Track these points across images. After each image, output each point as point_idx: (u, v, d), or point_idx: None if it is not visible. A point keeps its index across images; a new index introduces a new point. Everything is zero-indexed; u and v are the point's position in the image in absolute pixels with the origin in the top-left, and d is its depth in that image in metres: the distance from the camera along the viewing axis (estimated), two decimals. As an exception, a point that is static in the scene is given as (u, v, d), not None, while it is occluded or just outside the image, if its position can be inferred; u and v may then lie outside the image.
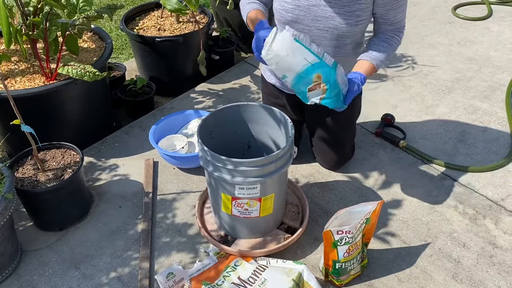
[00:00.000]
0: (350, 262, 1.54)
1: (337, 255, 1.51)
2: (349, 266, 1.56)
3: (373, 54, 1.64)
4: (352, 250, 1.52)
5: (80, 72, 1.86)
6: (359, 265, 1.60)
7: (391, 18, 1.65)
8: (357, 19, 1.62)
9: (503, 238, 1.77)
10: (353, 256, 1.54)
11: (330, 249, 1.51)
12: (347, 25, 1.62)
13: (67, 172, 1.77)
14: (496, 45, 3.04)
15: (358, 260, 1.58)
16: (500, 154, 2.17)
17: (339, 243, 1.48)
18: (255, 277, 1.50)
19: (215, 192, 1.60)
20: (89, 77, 1.86)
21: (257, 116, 1.71)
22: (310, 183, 2.02)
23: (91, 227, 1.83)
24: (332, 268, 1.55)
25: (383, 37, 1.68)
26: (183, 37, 2.49)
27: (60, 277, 1.64)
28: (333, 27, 1.64)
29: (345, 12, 1.60)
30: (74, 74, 1.86)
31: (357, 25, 1.64)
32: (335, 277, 1.57)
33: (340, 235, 1.46)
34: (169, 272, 1.60)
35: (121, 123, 2.48)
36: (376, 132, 2.27)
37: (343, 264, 1.53)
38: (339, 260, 1.52)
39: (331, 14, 1.61)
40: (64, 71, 1.87)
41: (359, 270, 1.62)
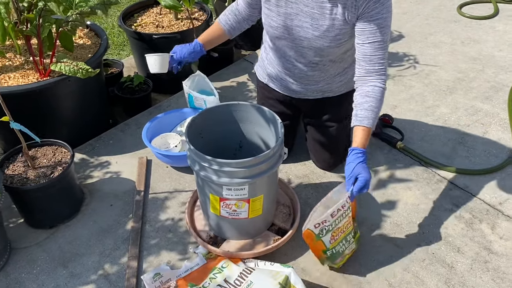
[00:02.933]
0: (340, 244, 1.54)
1: (324, 245, 1.51)
2: (341, 248, 1.55)
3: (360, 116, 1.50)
4: (337, 234, 1.51)
5: (73, 69, 1.85)
6: (353, 242, 1.59)
7: (372, 54, 1.51)
8: (338, 42, 1.61)
9: (499, 244, 1.73)
10: (342, 238, 1.53)
11: (314, 244, 1.51)
12: (329, 47, 1.63)
13: (57, 169, 1.76)
14: (501, 45, 2.98)
15: (349, 240, 1.57)
16: (500, 157, 2.12)
17: (321, 234, 1.47)
18: (241, 279, 1.48)
19: (203, 193, 1.58)
20: (82, 74, 1.85)
21: (248, 116, 1.68)
22: (304, 184, 2.00)
23: (82, 225, 1.82)
24: (325, 256, 1.54)
25: (364, 90, 1.52)
26: (180, 34, 2.47)
27: (48, 275, 1.64)
28: (316, 47, 1.65)
29: (325, 36, 1.59)
30: (67, 71, 1.84)
31: (339, 46, 1.63)
32: (331, 262, 1.58)
33: (318, 227, 1.45)
34: (156, 272, 1.58)
35: (118, 120, 2.47)
36: (374, 133, 2.23)
37: (333, 249, 1.53)
38: (328, 248, 1.52)
39: (313, 37, 1.61)
40: (57, 68, 1.86)
41: (354, 247, 1.62)
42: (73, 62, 1.87)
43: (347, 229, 1.54)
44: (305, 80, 1.80)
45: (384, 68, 1.54)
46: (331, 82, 1.83)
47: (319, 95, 1.88)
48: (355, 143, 1.50)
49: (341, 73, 1.82)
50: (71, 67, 1.84)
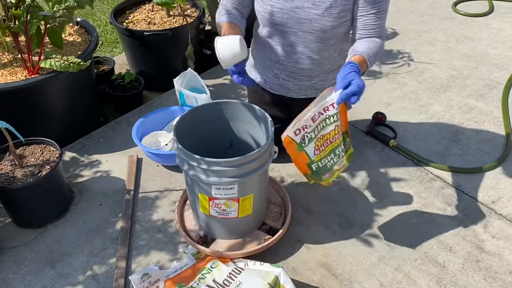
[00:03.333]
0: (328, 158, 1.40)
1: (308, 156, 1.38)
2: (329, 163, 1.42)
3: (360, 49, 1.50)
4: (322, 145, 1.37)
5: (63, 64, 1.82)
6: (343, 157, 1.45)
7: (371, 23, 1.56)
8: (341, 21, 1.58)
9: (491, 243, 1.72)
10: (329, 151, 1.40)
11: (297, 155, 1.38)
12: (331, 27, 1.59)
13: (45, 168, 1.73)
14: (496, 42, 2.97)
15: (339, 154, 1.43)
16: (493, 155, 2.10)
17: (303, 143, 1.35)
18: (230, 279, 1.46)
19: (192, 192, 1.56)
20: (74, 67, 1.82)
21: (238, 114, 1.66)
22: (296, 183, 1.98)
23: (70, 225, 1.80)
24: (310, 172, 1.43)
25: (364, 41, 1.56)
26: (172, 31, 2.45)
27: (35, 276, 1.61)
28: (317, 29, 1.60)
29: (329, 14, 1.56)
30: (58, 67, 1.82)
31: (341, 26, 1.60)
32: (317, 178, 1.47)
33: (299, 135, 1.33)
34: (145, 273, 1.56)
35: (109, 118, 2.44)
36: (367, 131, 2.22)
37: (319, 163, 1.40)
38: (312, 160, 1.39)
39: (315, 17, 1.57)
40: (47, 65, 1.83)
41: (344, 163, 1.48)
42: (63, 57, 1.84)
43: (334, 140, 1.38)
44: (299, 75, 1.77)
45: (383, 36, 1.60)
46: (325, 79, 1.81)
47: (313, 93, 1.85)
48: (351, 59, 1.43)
49: (335, 70, 1.80)
50: (62, 62, 1.82)
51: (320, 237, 1.74)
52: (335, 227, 1.78)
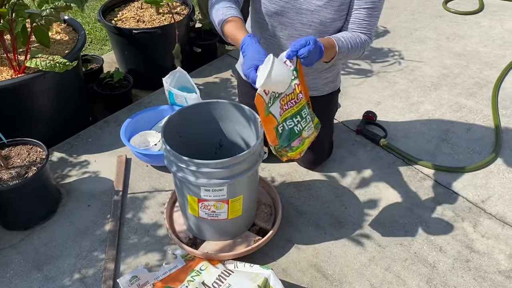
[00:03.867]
0: (293, 120, 1.34)
1: (274, 117, 1.32)
2: (296, 126, 1.35)
3: (337, 36, 1.50)
4: (286, 104, 1.32)
5: (49, 64, 1.79)
6: (311, 123, 1.40)
7: (361, 18, 1.55)
8: (340, 14, 1.57)
9: (480, 242, 1.72)
10: (294, 112, 1.34)
11: (266, 119, 1.31)
12: (331, 20, 1.57)
13: (31, 170, 1.71)
14: (486, 40, 2.97)
15: (306, 118, 1.37)
16: (483, 154, 2.11)
17: (270, 103, 1.30)
18: (220, 282, 1.44)
19: (181, 193, 1.54)
20: (60, 68, 1.79)
21: (227, 114, 1.64)
22: (287, 183, 1.97)
23: (58, 227, 1.77)
24: (279, 139, 1.34)
25: (350, 32, 1.56)
26: (161, 29, 2.42)
27: (21, 279, 1.59)
28: (317, 22, 1.58)
29: (330, 5, 1.54)
30: (44, 67, 1.78)
31: (340, 19, 1.59)
32: (287, 148, 1.36)
33: (268, 94, 1.29)
34: (133, 275, 1.55)
35: (98, 117, 2.41)
36: (357, 130, 2.21)
37: (285, 124, 1.33)
38: (278, 122, 1.32)
39: (316, 8, 1.55)
40: (33, 64, 1.80)
41: (313, 130, 1.42)
42: (49, 57, 1.81)
43: (299, 100, 1.33)
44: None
45: (371, 34, 1.59)
46: (317, 78, 1.79)
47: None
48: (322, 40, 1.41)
49: (328, 69, 1.78)
50: (47, 62, 1.78)
51: (310, 237, 1.74)
52: (326, 227, 1.77)
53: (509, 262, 1.65)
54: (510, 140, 2.19)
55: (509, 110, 2.37)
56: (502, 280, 1.60)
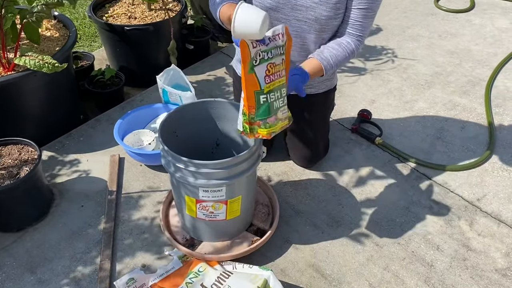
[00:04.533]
0: (275, 94, 1.29)
1: (258, 81, 1.26)
2: (275, 102, 1.30)
3: (323, 55, 1.54)
4: (272, 74, 1.28)
5: (38, 63, 1.74)
6: (285, 105, 1.33)
7: (355, 18, 1.55)
8: (336, 12, 1.55)
9: (477, 240, 1.73)
10: (277, 86, 1.30)
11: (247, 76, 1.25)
12: (326, 17, 1.55)
13: (23, 170, 1.66)
14: (477, 39, 2.99)
15: (284, 98, 1.33)
16: (477, 152, 2.12)
17: (255, 61, 1.24)
18: (219, 284, 1.42)
19: (178, 194, 1.52)
20: (48, 68, 1.74)
21: (225, 113, 1.62)
22: (283, 182, 1.95)
23: (51, 228, 1.74)
24: (256, 108, 1.28)
25: (339, 40, 1.58)
26: (154, 25, 2.38)
27: (14, 283, 1.55)
28: (312, 19, 1.56)
29: (325, 2, 1.52)
30: (32, 66, 1.74)
31: (336, 17, 1.57)
32: (262, 121, 1.29)
33: (255, 48, 1.23)
34: (130, 277, 1.52)
35: (89, 116, 2.37)
36: (352, 128, 2.21)
37: (268, 96, 1.27)
38: (262, 89, 1.26)
39: (312, 4, 1.54)
40: (21, 62, 1.75)
41: (287, 116, 1.36)
42: (39, 56, 1.76)
43: (281, 76, 1.31)
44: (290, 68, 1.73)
45: (363, 37, 1.60)
46: None
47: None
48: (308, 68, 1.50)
49: None
50: (36, 61, 1.74)
51: (308, 237, 1.73)
52: (323, 227, 1.76)
53: (505, 260, 1.66)
54: (504, 138, 2.20)
55: (502, 108, 2.39)
56: (499, 278, 1.61)
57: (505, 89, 2.53)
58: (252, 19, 1.18)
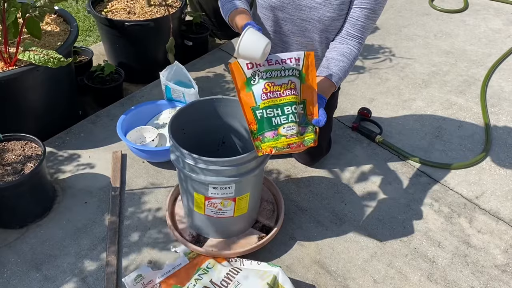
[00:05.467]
0: (274, 111, 1.29)
1: (254, 98, 1.29)
2: (274, 118, 1.29)
3: (332, 70, 1.52)
4: (271, 92, 1.29)
5: (43, 58, 1.72)
6: (294, 125, 1.29)
7: (356, 17, 1.54)
8: (340, 13, 1.56)
9: (476, 237, 1.77)
10: (277, 103, 1.29)
11: (245, 94, 1.29)
12: (330, 18, 1.57)
13: (27, 166, 1.65)
14: (472, 39, 3.04)
15: (288, 116, 1.30)
16: (474, 151, 2.16)
17: (253, 80, 1.29)
18: (228, 280, 1.44)
19: (187, 191, 1.52)
20: (53, 63, 1.73)
21: (232, 111, 1.62)
22: (286, 179, 1.97)
23: (54, 225, 1.72)
24: (256, 123, 1.29)
25: (342, 50, 1.56)
26: (154, 21, 2.37)
27: (20, 279, 1.54)
28: (315, 19, 1.58)
29: (329, 3, 1.54)
30: (37, 61, 1.72)
31: (339, 19, 1.58)
32: (261, 136, 1.29)
33: (251, 69, 1.28)
34: (138, 274, 1.52)
35: (88, 111, 2.35)
36: (353, 126, 2.23)
37: (264, 111, 1.28)
38: (258, 106, 1.29)
39: (315, 5, 1.55)
40: (25, 57, 1.73)
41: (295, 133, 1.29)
42: (43, 51, 1.74)
43: (285, 95, 1.30)
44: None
45: (363, 39, 1.60)
46: None
47: None
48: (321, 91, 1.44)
49: None
50: (41, 56, 1.72)
51: (312, 234, 1.75)
52: (327, 224, 1.79)
53: (505, 256, 1.71)
54: (500, 137, 2.25)
55: (497, 108, 2.44)
56: (499, 274, 1.65)
57: (500, 89, 2.58)
58: (256, 47, 1.25)
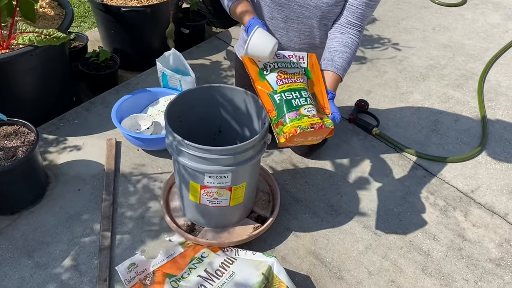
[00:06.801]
0: (292, 94, 1.30)
1: (270, 85, 1.33)
2: (293, 100, 1.29)
3: (337, 63, 1.49)
4: (285, 78, 1.34)
5: (45, 39, 1.68)
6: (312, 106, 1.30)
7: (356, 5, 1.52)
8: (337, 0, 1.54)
9: (471, 231, 1.77)
10: (293, 87, 1.32)
11: (259, 83, 1.34)
12: (327, 4, 1.54)
13: (20, 151, 1.62)
14: (470, 33, 3.03)
15: (306, 98, 1.31)
16: (470, 145, 2.16)
17: (265, 71, 1.35)
18: (223, 269, 1.42)
19: (182, 179, 1.50)
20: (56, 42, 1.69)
21: (229, 99, 1.60)
22: (282, 170, 1.95)
23: (47, 212, 1.70)
24: (275, 109, 1.29)
25: (343, 40, 1.53)
26: (151, 8, 2.33)
27: (11, 266, 1.52)
28: (313, 5, 1.55)
29: None
30: (38, 41, 1.68)
31: (337, 6, 1.56)
32: (283, 120, 1.27)
33: (261, 62, 1.35)
34: (131, 262, 1.50)
35: (82, 98, 2.32)
36: (350, 118, 2.22)
37: (282, 94, 1.30)
38: (275, 90, 1.32)
39: None
40: (25, 40, 1.70)
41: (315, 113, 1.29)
42: (43, 31, 1.70)
43: (298, 81, 1.34)
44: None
45: (363, 27, 1.58)
46: None
47: None
48: (329, 86, 1.45)
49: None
50: (42, 38, 1.68)
51: (307, 225, 1.74)
52: (323, 215, 1.78)
53: (499, 250, 1.71)
54: (496, 131, 2.25)
55: (494, 102, 2.44)
56: (493, 267, 1.65)
57: (497, 83, 2.58)
58: (264, 46, 1.31)
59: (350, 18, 1.55)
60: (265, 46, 1.31)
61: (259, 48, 1.31)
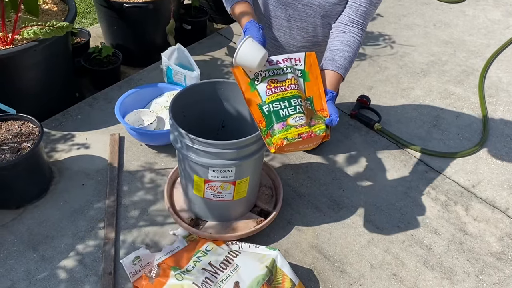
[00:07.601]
0: (280, 104, 1.30)
1: (259, 96, 1.32)
2: (281, 110, 1.29)
3: (338, 62, 1.49)
4: (275, 87, 1.32)
5: (50, 30, 1.69)
6: (302, 116, 1.29)
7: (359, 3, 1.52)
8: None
9: (472, 225, 1.79)
10: (282, 96, 1.31)
11: (249, 93, 1.33)
12: (331, 3, 1.55)
13: (24, 146, 1.63)
14: (471, 29, 3.04)
15: (295, 107, 1.30)
16: (472, 140, 2.17)
17: (256, 80, 1.34)
18: (227, 263, 1.44)
19: (187, 174, 1.51)
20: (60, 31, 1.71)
21: (232, 94, 1.61)
22: (284, 165, 1.97)
23: (51, 206, 1.71)
24: (265, 120, 1.30)
25: (345, 39, 1.52)
26: (153, 3, 2.34)
27: (16, 259, 1.53)
28: (316, 4, 1.56)
29: None
30: (43, 34, 1.69)
31: (340, 4, 1.57)
32: (270, 130, 1.28)
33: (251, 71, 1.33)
34: (136, 256, 1.52)
35: (85, 94, 2.33)
36: (351, 114, 2.23)
37: (270, 105, 1.30)
38: (264, 101, 1.31)
39: None
40: (31, 34, 1.70)
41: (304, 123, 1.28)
42: (47, 23, 1.71)
43: (290, 89, 1.33)
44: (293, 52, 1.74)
45: (365, 25, 1.57)
46: None
47: None
48: (330, 86, 1.44)
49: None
50: (46, 29, 1.69)
51: (310, 219, 1.75)
52: (325, 210, 1.79)
53: (500, 244, 1.72)
54: (497, 127, 2.26)
55: (495, 99, 2.45)
56: (494, 261, 1.66)
57: (498, 79, 2.59)
58: (252, 57, 1.29)
59: (352, 16, 1.55)
60: (253, 57, 1.29)
61: (248, 58, 1.29)
